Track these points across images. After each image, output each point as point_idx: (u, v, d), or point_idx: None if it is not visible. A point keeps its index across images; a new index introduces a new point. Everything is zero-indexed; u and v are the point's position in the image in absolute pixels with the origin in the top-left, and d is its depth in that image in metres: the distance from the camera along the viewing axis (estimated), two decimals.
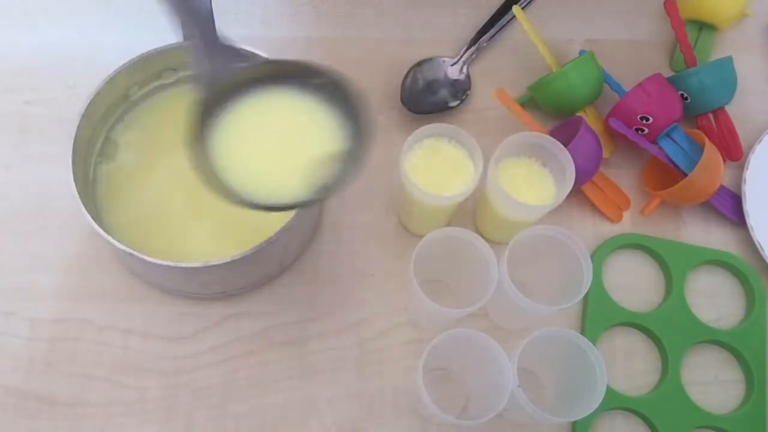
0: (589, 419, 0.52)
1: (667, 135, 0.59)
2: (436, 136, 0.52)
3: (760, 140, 0.62)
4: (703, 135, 0.58)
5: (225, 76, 0.43)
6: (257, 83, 0.43)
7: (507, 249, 0.49)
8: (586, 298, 0.56)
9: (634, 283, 0.58)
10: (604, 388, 0.45)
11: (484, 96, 0.64)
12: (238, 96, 0.43)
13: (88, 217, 0.47)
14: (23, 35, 0.65)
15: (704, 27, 0.67)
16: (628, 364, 0.56)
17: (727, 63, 0.61)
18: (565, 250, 0.50)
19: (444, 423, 0.52)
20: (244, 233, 0.52)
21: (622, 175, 0.62)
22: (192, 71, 0.43)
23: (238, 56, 0.43)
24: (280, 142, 0.43)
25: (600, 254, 0.58)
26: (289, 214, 0.48)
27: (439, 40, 0.66)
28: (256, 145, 0.43)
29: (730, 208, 0.60)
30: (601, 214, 0.60)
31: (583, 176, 0.55)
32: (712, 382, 0.56)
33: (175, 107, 0.57)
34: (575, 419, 0.49)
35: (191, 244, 0.53)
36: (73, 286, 0.55)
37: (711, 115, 0.62)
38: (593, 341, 0.54)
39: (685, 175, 0.56)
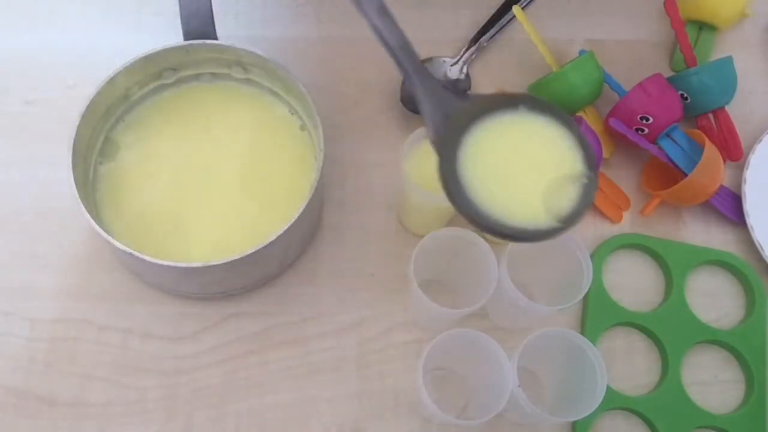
0: (589, 419, 0.52)
1: (667, 135, 0.59)
2: None
3: (760, 140, 0.62)
4: (703, 135, 0.58)
5: (453, 112, 0.43)
6: (482, 114, 0.43)
7: (507, 249, 0.49)
8: (586, 298, 0.56)
9: (634, 283, 0.58)
10: (604, 388, 0.45)
11: None
12: (470, 128, 0.42)
13: (88, 217, 0.47)
14: (23, 35, 0.65)
15: (704, 27, 0.67)
16: (628, 364, 0.56)
17: (727, 63, 0.61)
18: (565, 250, 0.50)
19: (444, 423, 0.52)
20: (244, 233, 0.52)
21: (622, 175, 0.62)
22: (426, 121, 0.43)
23: (456, 99, 0.44)
24: (523, 168, 0.42)
25: (600, 254, 0.58)
26: (290, 216, 0.48)
27: (439, 40, 0.66)
28: (504, 172, 0.42)
29: (730, 208, 0.60)
30: (601, 214, 0.60)
31: None
32: (712, 382, 0.56)
33: (175, 107, 0.57)
34: (575, 419, 0.49)
35: (191, 244, 0.53)
36: (73, 286, 0.55)
37: (711, 115, 0.62)
38: (593, 341, 0.54)
39: (685, 175, 0.56)
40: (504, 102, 0.43)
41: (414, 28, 0.67)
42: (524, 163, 0.42)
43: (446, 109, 0.43)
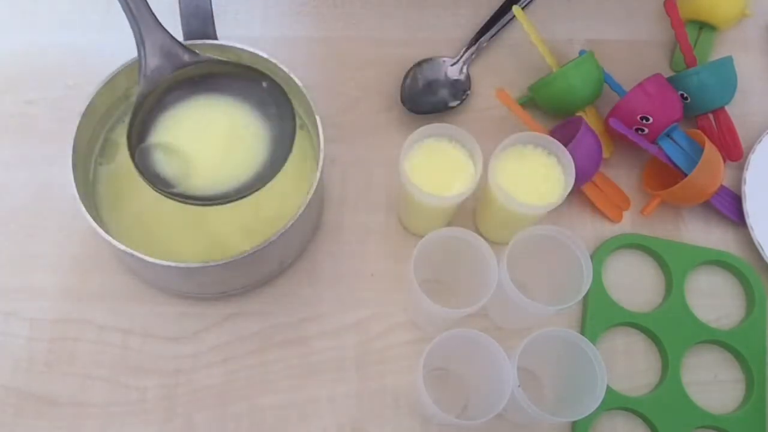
0: (589, 419, 0.52)
1: (667, 135, 0.59)
2: (436, 136, 0.52)
3: (760, 140, 0.62)
4: (703, 135, 0.58)
5: (167, 73, 0.47)
6: (199, 84, 0.48)
7: (507, 249, 0.49)
8: (586, 298, 0.56)
9: (634, 283, 0.58)
10: (604, 388, 0.45)
11: (484, 96, 0.64)
12: (180, 95, 0.48)
13: (88, 217, 0.47)
14: (23, 35, 0.65)
15: (704, 27, 0.67)
16: (628, 364, 0.56)
17: (727, 63, 0.61)
18: (565, 250, 0.50)
19: (444, 423, 0.52)
20: (244, 233, 0.52)
21: (622, 175, 0.62)
22: (141, 68, 0.47)
23: (185, 54, 0.47)
24: (217, 141, 0.48)
25: (600, 254, 0.58)
26: (290, 215, 0.48)
27: (439, 40, 0.66)
28: (193, 142, 0.47)
29: (730, 208, 0.60)
30: (601, 214, 0.60)
31: (583, 176, 0.55)
32: (712, 382, 0.56)
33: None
34: (575, 419, 0.49)
35: (191, 244, 0.53)
36: (73, 286, 0.55)
37: (711, 115, 0.62)
38: (593, 341, 0.54)
39: (685, 175, 0.56)
40: (236, 76, 0.48)
41: (414, 28, 0.68)
42: (210, 143, 0.48)
43: (171, 63, 0.47)
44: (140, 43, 0.46)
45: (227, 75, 0.48)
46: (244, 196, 0.46)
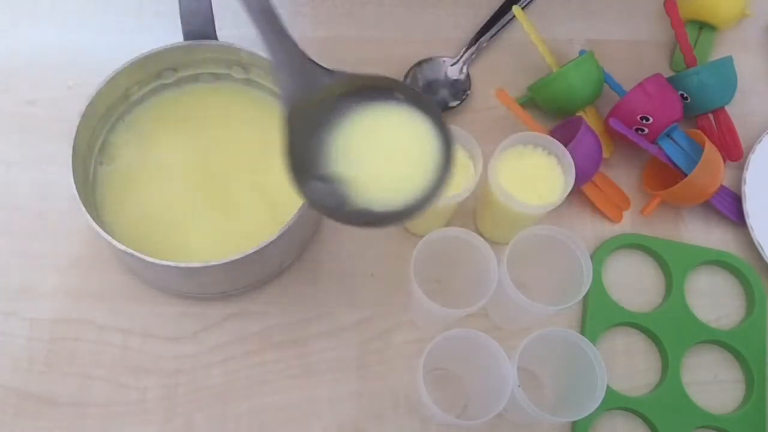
0: (589, 419, 0.52)
1: (667, 135, 0.59)
2: None
3: (760, 140, 0.62)
4: (703, 135, 0.58)
5: (312, 92, 0.43)
6: (346, 98, 0.43)
7: (507, 249, 0.49)
8: (586, 298, 0.56)
9: (634, 283, 0.58)
10: (604, 388, 0.45)
11: (484, 96, 0.64)
12: (335, 111, 0.43)
13: (88, 217, 0.47)
14: (23, 35, 0.65)
15: (704, 27, 0.67)
16: (628, 364, 0.56)
17: (727, 63, 0.61)
18: (565, 250, 0.50)
19: (444, 423, 0.52)
20: (244, 233, 0.52)
21: (622, 175, 0.62)
22: (280, 91, 0.43)
23: (321, 73, 0.43)
24: (387, 153, 0.43)
25: (600, 254, 0.58)
26: (290, 215, 0.48)
27: (439, 40, 0.66)
28: (368, 156, 0.43)
29: (730, 208, 0.60)
30: (601, 214, 0.60)
31: (583, 176, 0.55)
32: (712, 382, 0.56)
33: (175, 107, 0.57)
34: (575, 419, 0.49)
35: (191, 244, 0.53)
36: (73, 286, 0.55)
37: (711, 115, 0.62)
38: (593, 341, 0.54)
39: (685, 175, 0.56)
40: (376, 89, 0.43)
41: (414, 28, 0.68)
42: (387, 152, 0.43)
43: (307, 83, 0.43)
44: (279, 65, 0.43)
45: (371, 88, 0.43)
46: (421, 211, 0.42)
